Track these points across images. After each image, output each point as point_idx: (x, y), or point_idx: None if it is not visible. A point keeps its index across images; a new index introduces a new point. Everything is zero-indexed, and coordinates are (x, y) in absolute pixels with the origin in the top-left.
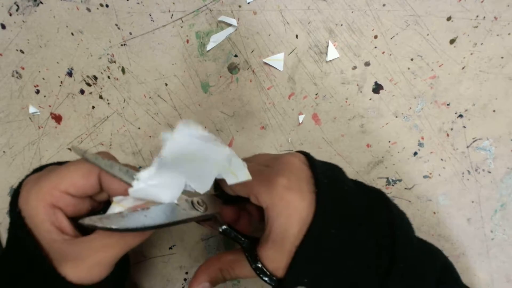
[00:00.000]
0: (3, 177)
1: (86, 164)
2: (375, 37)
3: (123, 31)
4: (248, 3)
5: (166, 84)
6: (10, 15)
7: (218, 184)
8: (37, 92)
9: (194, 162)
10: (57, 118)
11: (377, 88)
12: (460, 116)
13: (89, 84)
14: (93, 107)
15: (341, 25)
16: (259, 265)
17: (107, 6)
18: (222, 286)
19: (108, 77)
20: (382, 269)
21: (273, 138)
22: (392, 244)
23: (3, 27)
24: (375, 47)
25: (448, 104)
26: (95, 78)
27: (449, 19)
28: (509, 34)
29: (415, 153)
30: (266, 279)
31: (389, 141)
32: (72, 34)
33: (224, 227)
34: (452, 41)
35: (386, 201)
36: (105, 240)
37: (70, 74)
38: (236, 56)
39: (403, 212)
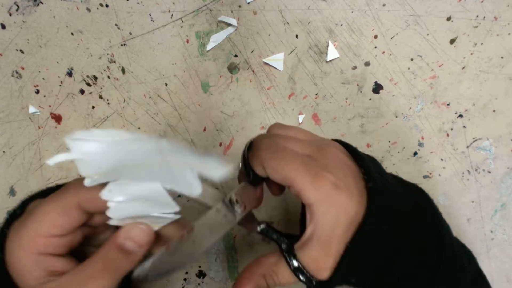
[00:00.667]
0: (3, 177)
1: (63, 199)
2: (375, 37)
3: (123, 31)
4: (248, 3)
5: (166, 84)
6: (10, 15)
7: (249, 166)
8: (37, 92)
9: (134, 166)
10: (57, 118)
11: (377, 88)
12: (460, 116)
13: (89, 84)
14: (93, 107)
15: (341, 25)
16: (299, 265)
17: (107, 6)
18: None
19: (108, 77)
20: (430, 268)
21: None
22: (440, 243)
23: (3, 27)
24: (375, 47)
25: (448, 104)
26: (95, 78)
27: (449, 19)
28: (509, 34)
29: (415, 153)
30: (303, 278)
31: (389, 141)
32: (72, 34)
33: (262, 226)
34: (452, 41)
35: (428, 198)
36: (88, 271)
37: (70, 74)
38: (236, 56)
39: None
